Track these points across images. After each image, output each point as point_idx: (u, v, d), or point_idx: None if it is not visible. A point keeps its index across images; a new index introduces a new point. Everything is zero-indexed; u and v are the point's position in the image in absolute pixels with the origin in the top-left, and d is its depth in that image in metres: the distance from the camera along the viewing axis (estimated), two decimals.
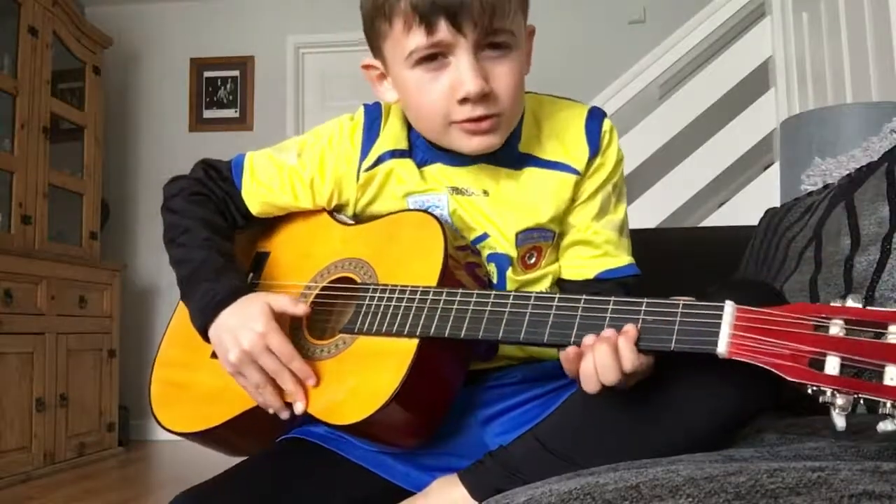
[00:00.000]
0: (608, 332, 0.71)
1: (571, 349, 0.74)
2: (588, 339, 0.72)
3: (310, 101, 4.37)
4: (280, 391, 0.87)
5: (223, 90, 4.38)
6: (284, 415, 0.87)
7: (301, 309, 0.89)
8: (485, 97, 0.84)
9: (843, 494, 0.51)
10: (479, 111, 0.85)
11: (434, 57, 0.84)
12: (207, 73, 4.38)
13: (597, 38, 3.98)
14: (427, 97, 0.87)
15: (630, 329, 0.71)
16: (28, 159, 3.27)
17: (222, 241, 0.98)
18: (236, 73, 4.37)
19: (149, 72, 4.40)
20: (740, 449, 0.74)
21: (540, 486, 0.65)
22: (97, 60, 3.85)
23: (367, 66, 0.95)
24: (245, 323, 0.86)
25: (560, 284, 0.99)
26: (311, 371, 0.86)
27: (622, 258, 0.97)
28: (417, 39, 0.83)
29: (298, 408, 0.85)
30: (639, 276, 0.97)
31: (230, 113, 4.37)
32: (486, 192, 0.94)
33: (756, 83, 3.06)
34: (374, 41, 0.91)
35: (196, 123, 4.37)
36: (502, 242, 0.94)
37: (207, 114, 4.38)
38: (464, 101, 0.84)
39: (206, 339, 0.91)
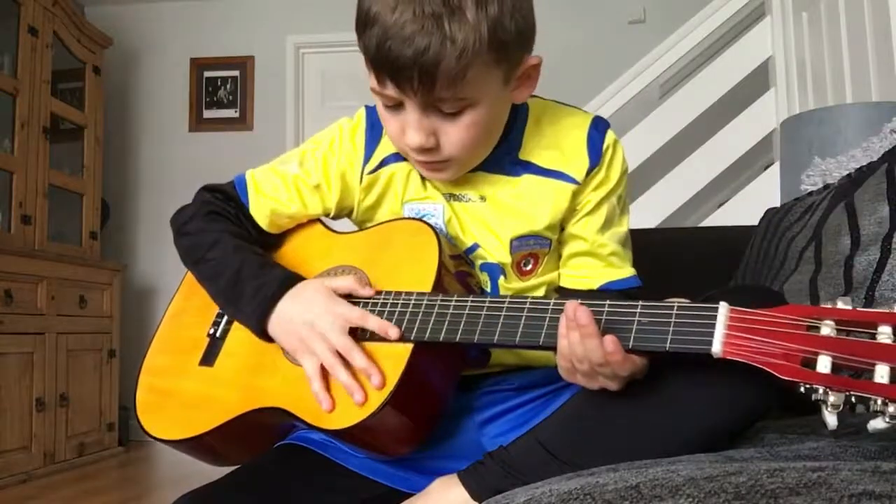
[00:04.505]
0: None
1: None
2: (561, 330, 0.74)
3: (310, 101, 4.37)
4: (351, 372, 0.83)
5: (223, 90, 4.38)
6: (326, 405, 0.83)
7: (367, 291, 0.88)
8: (430, 149, 0.85)
9: (843, 494, 0.51)
10: (423, 157, 0.87)
11: (388, 99, 0.84)
12: (207, 73, 4.38)
13: (597, 38, 3.98)
14: (386, 126, 0.89)
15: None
16: (28, 159, 3.27)
17: (253, 246, 0.97)
18: (236, 73, 4.37)
19: (149, 72, 4.40)
20: (740, 449, 0.74)
21: (540, 486, 0.65)
22: (97, 60, 3.85)
23: None
24: (308, 306, 0.86)
25: (561, 293, 0.98)
26: (389, 324, 0.84)
27: (626, 269, 0.96)
28: (373, 83, 0.84)
29: (375, 381, 0.81)
30: (641, 288, 0.96)
31: (230, 113, 4.37)
32: (483, 198, 0.94)
33: (756, 83, 3.06)
34: None
35: (196, 123, 4.37)
36: (495, 250, 0.94)
37: (207, 114, 4.38)
38: None
39: (265, 336, 0.90)
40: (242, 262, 0.93)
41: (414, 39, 0.76)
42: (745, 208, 2.57)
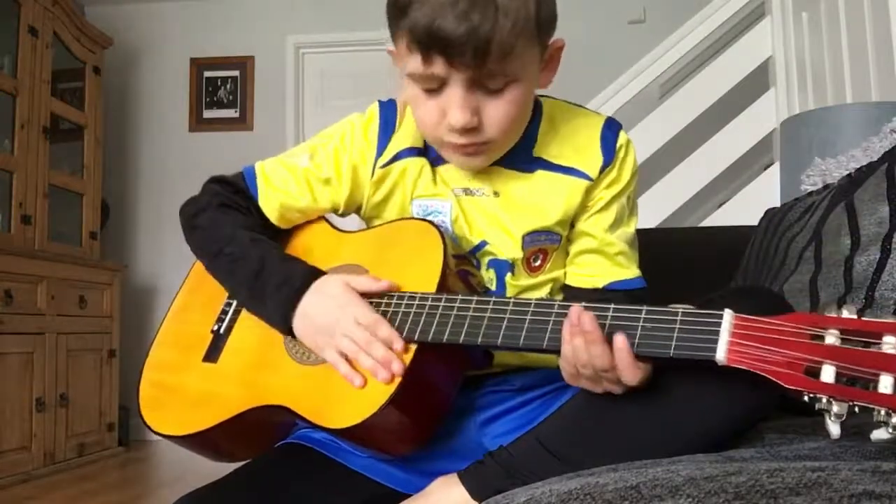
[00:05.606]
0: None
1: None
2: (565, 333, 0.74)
3: (310, 101, 4.37)
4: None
5: (223, 90, 4.38)
6: (357, 382, 0.83)
7: (384, 284, 0.88)
8: (472, 129, 0.85)
9: (843, 494, 0.51)
10: (464, 139, 0.86)
11: (430, 79, 0.84)
12: (207, 73, 4.38)
13: (597, 38, 3.98)
14: (422, 113, 0.88)
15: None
16: (28, 159, 3.27)
17: (268, 240, 0.97)
18: (236, 73, 4.37)
19: (149, 72, 4.40)
20: (740, 449, 0.74)
21: (540, 486, 0.65)
22: (97, 60, 3.85)
23: (391, 52, 0.94)
24: (331, 304, 0.86)
25: (567, 291, 0.98)
26: (397, 334, 0.83)
27: (632, 270, 0.96)
28: (415, 64, 0.83)
29: (396, 367, 0.81)
30: (646, 290, 0.96)
31: (230, 113, 4.37)
32: (496, 194, 0.95)
33: (756, 83, 3.06)
34: (393, 38, 0.90)
35: (196, 123, 4.38)
36: (506, 247, 0.94)
37: (207, 114, 4.38)
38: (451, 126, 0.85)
39: (290, 332, 0.89)
40: (262, 256, 0.92)
41: (468, 15, 0.77)
42: (745, 208, 2.57)
